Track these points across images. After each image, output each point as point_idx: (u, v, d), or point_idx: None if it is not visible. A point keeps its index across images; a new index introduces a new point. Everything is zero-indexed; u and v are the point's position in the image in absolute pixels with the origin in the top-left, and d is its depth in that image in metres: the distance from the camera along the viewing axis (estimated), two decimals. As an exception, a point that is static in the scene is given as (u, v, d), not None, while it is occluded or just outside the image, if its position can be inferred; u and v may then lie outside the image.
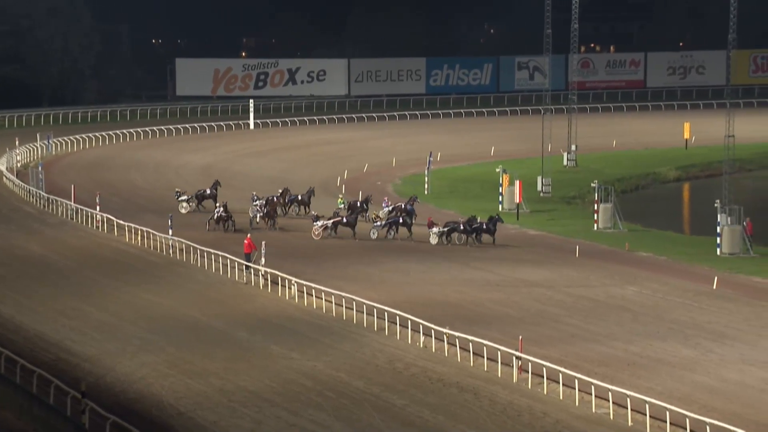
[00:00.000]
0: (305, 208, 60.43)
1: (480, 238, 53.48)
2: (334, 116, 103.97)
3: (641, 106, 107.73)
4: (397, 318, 39.92)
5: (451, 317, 40.81)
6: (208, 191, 62.89)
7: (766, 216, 66.72)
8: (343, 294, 43.00)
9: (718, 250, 53.01)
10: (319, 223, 54.98)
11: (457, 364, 36.87)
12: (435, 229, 53.77)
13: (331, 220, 55.26)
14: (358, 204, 58.25)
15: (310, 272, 47.47)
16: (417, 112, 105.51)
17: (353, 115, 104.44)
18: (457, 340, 37.53)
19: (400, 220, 54.63)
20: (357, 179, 76.89)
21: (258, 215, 57.36)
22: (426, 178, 72.53)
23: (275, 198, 60.11)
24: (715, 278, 46.93)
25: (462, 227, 53.54)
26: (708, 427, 29.39)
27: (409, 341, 39.15)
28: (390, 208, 57.82)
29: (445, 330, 38.22)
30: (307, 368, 36.17)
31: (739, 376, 34.88)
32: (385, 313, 40.30)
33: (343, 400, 33.32)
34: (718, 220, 53.37)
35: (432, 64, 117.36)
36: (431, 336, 38.49)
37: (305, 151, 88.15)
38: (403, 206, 57.09)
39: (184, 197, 62.47)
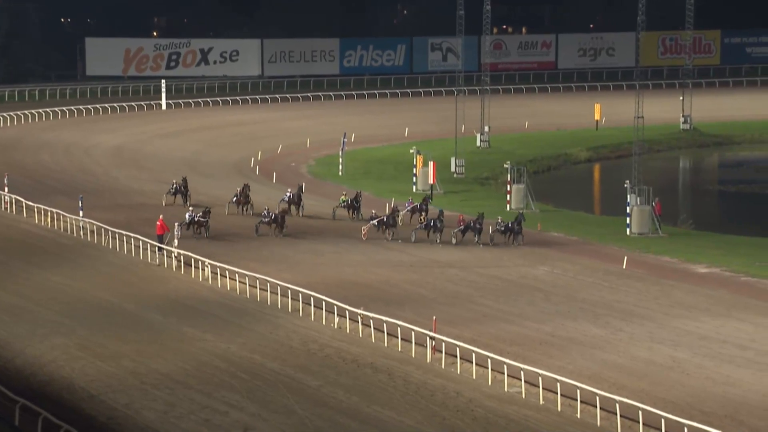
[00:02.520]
0: (296, 208, 56.41)
1: (517, 238, 50.20)
2: (248, 97, 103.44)
3: (553, 87, 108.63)
4: (312, 299, 39.95)
5: (365, 298, 40.91)
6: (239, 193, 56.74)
7: (674, 196, 67.81)
8: (258, 275, 42.89)
9: (628, 230, 53.72)
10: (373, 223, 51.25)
11: (371, 344, 37.00)
12: (456, 230, 50.45)
13: (376, 220, 51.45)
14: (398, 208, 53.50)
15: (223, 254, 47.26)
16: (331, 93, 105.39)
17: (267, 96, 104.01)
18: (371, 321, 37.65)
19: (432, 223, 50.88)
20: (271, 160, 76.63)
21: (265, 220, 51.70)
22: (340, 160, 72.51)
23: (289, 197, 56.18)
24: (625, 258, 47.56)
25: (472, 224, 50.36)
26: (617, 405, 29.84)
27: (324, 322, 39.19)
28: (409, 208, 55.19)
29: (359, 311, 38.33)
30: (221, 350, 36.05)
31: (647, 354, 35.43)
32: (300, 295, 40.29)
33: (257, 381, 33.28)
34: (628, 200, 54.07)
35: (345, 45, 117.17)
36: (345, 317, 38.58)
37: (218, 132, 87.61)
38: (418, 206, 54.79)
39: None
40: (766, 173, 77.97)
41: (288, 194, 56.89)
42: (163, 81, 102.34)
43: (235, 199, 56.35)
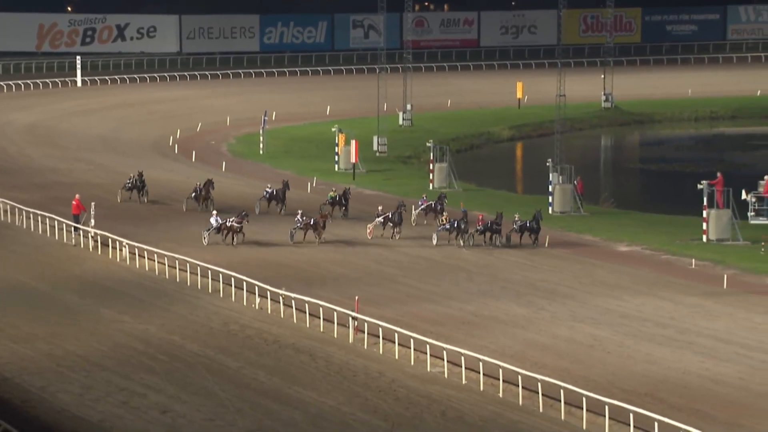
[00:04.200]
0: (279, 205, 51.93)
1: (535, 238, 46.63)
2: (166, 74, 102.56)
3: (475, 65, 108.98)
4: (232, 280, 39.79)
5: (287, 278, 40.85)
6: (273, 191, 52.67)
7: (596, 175, 68.45)
8: (177, 256, 42.61)
9: (550, 208, 54.15)
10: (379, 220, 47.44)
11: (292, 325, 36.96)
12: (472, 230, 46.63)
13: (382, 217, 47.65)
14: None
15: (141, 234, 46.89)
16: (251, 71, 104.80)
17: (185, 73, 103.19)
18: (293, 301, 37.60)
19: (456, 224, 46.54)
20: (190, 138, 76.10)
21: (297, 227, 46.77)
22: (261, 138, 72.22)
23: (276, 189, 52.20)
24: (547, 237, 47.94)
25: (491, 225, 46.53)
26: (539, 384, 30.12)
27: (245, 303, 39.08)
28: (423, 207, 50.47)
29: (280, 291, 38.26)
30: (139, 331, 35.80)
31: (569, 333, 35.79)
32: (220, 275, 40.11)
33: (176, 363, 33.10)
34: (550, 179, 54.48)
35: (266, 21, 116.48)
36: (267, 297, 38.50)
37: (136, 110, 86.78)
38: (433, 205, 50.28)
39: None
40: (686, 151, 79.00)
41: (269, 190, 52.27)
42: (78, 57, 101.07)
43: (194, 194, 52.29)
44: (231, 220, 45.17)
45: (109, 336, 35.21)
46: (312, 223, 46.05)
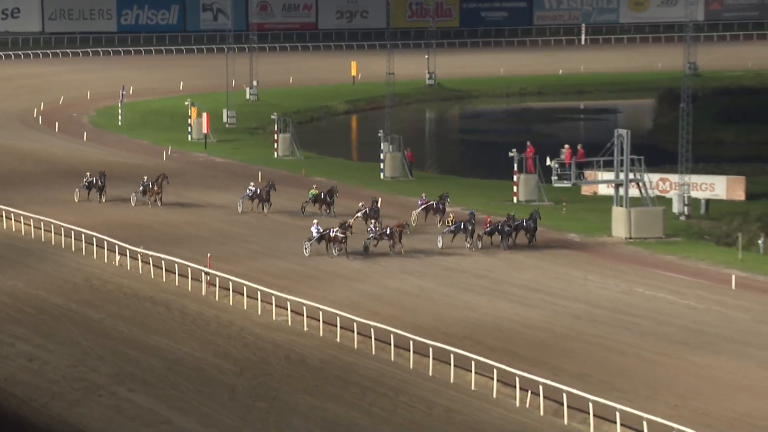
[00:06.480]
0: (263, 205, 45.08)
1: (532, 237, 40.74)
2: (30, 52, 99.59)
3: (314, 46, 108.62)
4: (94, 239, 39.09)
5: (145, 238, 40.27)
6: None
7: (422, 144, 69.09)
8: (42, 218, 41.61)
9: (382, 174, 54.49)
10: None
11: (150, 280, 36.51)
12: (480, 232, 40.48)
13: (360, 212, 42.11)
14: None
15: (7, 198, 45.59)
16: (110, 49, 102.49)
17: (48, 51, 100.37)
18: (150, 259, 37.14)
19: (463, 226, 40.39)
20: (53, 111, 74.18)
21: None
22: (119, 111, 70.87)
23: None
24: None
25: (502, 227, 40.54)
26: (372, 329, 30.38)
27: (106, 260, 38.45)
28: (423, 207, 44.06)
29: (139, 249, 37.75)
30: (7, 287, 34.91)
31: (399, 284, 36.15)
32: (83, 235, 39.36)
33: (42, 315, 32.42)
34: (382, 148, 54.82)
35: (122, 4, 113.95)
36: (126, 255, 37.93)
37: (2, 85, 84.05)
38: (435, 205, 43.95)
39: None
40: (499, 123, 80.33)
41: (252, 189, 45.39)
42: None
43: (142, 188, 46.12)
44: (334, 230, 38.77)
45: (-21, 292, 34.22)
46: (389, 232, 39.28)
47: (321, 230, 39.12)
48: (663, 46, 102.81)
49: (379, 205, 42.39)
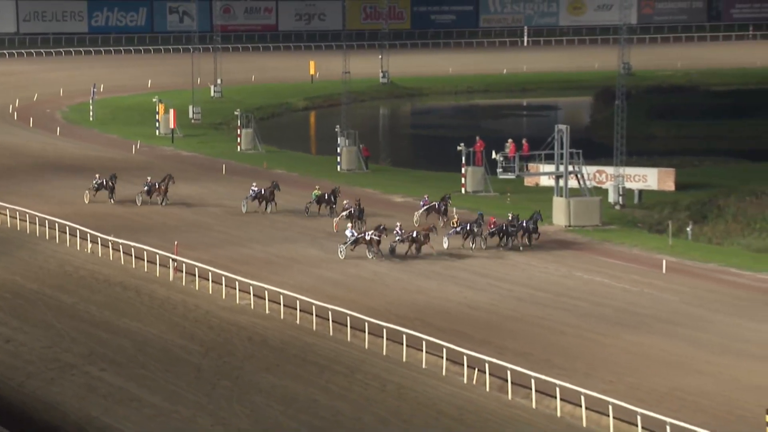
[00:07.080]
0: (266, 204, 43.22)
1: (531, 237, 38.95)
2: (5, 51, 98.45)
3: (275, 46, 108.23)
4: (67, 228, 38.81)
5: (116, 227, 40.01)
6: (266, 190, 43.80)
7: (376, 139, 69.07)
8: (18, 208, 41.21)
9: (339, 167, 54.43)
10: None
11: (120, 266, 36.29)
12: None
13: (346, 211, 40.53)
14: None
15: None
16: (81, 49, 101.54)
17: (23, 51, 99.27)
18: (120, 246, 36.92)
19: (469, 227, 38.41)
20: (28, 107, 73.43)
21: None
22: (91, 107, 70.32)
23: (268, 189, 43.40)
24: (339, 186, 48.03)
25: (505, 227, 38.78)
26: (330, 312, 30.38)
27: (78, 248, 38.18)
28: (425, 208, 42.03)
29: (110, 237, 37.52)
30: (-14, 274, 34.54)
31: (356, 270, 36.16)
32: (56, 224, 39.04)
33: (18, 300, 32.16)
34: (338, 142, 54.75)
35: (93, 6, 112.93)
36: (98, 243, 37.68)
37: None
38: (436, 206, 41.93)
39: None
40: (448, 119, 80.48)
41: (255, 189, 43.39)
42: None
43: (147, 188, 44.28)
44: (369, 233, 37.18)
45: (-42, 279, 33.84)
46: (415, 236, 37.49)
47: (356, 234, 37.38)
48: (599, 47, 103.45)
49: (361, 206, 40.81)
